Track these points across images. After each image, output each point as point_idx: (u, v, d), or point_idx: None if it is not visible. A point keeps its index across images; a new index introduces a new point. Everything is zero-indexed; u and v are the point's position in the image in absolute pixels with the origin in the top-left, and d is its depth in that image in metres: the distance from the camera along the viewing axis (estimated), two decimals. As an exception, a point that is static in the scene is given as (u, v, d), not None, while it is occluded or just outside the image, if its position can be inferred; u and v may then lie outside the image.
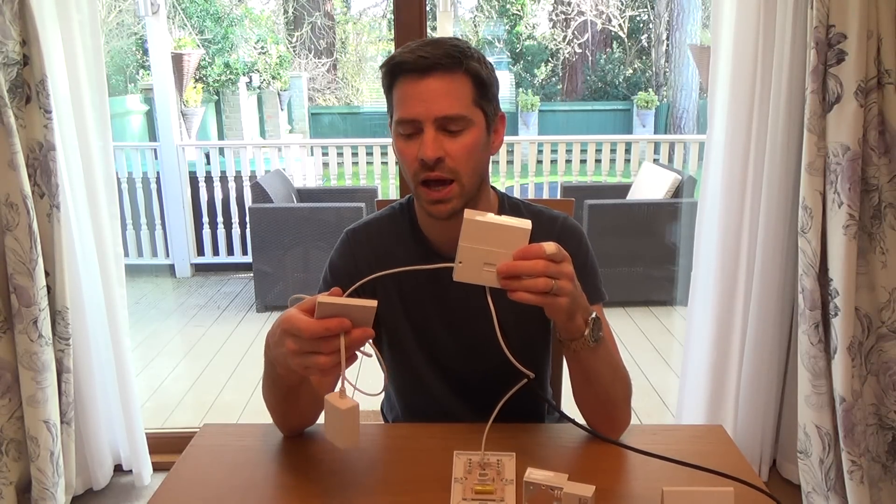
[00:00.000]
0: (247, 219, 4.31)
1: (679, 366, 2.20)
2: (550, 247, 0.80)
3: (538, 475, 0.78)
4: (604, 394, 0.98)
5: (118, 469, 2.14)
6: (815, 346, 1.73)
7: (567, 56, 13.05)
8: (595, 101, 12.79)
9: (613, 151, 6.54)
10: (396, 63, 0.97)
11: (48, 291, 1.77)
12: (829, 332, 1.72)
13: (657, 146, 6.51)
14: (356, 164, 5.00)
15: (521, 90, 12.30)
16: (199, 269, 4.92)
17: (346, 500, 0.87)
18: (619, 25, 12.69)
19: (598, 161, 5.05)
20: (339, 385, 0.78)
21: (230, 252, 4.81)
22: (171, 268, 4.83)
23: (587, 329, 0.89)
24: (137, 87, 9.14)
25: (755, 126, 1.83)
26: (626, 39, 12.80)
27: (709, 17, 4.87)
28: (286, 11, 12.91)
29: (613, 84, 12.91)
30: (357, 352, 0.80)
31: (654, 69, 12.80)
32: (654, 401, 2.84)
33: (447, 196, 0.98)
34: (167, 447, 2.16)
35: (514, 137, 9.05)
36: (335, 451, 0.97)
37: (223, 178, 4.74)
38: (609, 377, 0.97)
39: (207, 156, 4.91)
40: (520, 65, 13.18)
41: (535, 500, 0.77)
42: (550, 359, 1.22)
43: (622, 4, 12.69)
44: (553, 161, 5.55)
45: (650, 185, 4.29)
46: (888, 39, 1.61)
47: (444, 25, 3.42)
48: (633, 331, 3.66)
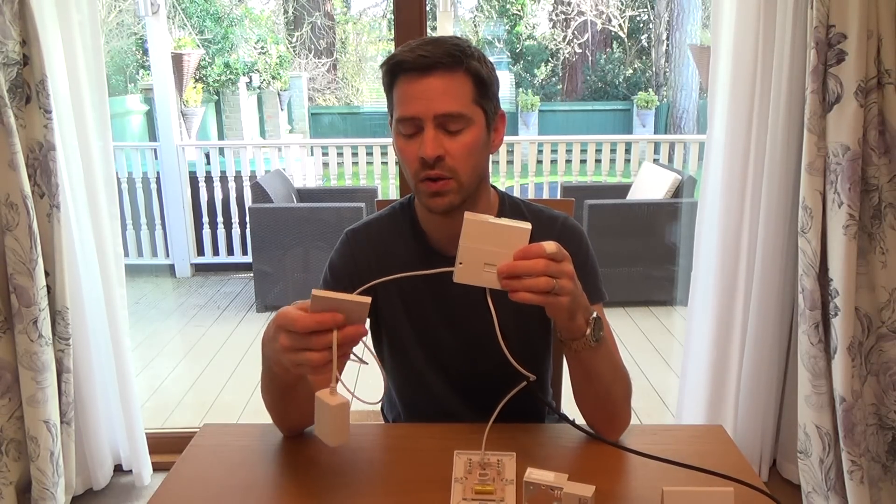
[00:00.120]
0: (247, 219, 4.32)
1: (679, 366, 2.20)
2: (551, 246, 0.79)
3: (538, 475, 0.78)
4: (604, 393, 0.98)
5: (118, 469, 2.14)
6: (815, 346, 1.73)
7: (567, 56, 13.05)
8: (595, 101, 12.79)
9: (613, 151, 6.54)
10: (397, 62, 0.97)
11: (48, 291, 1.77)
12: (829, 332, 1.72)
13: (657, 146, 6.51)
14: (356, 164, 5.00)
15: (521, 90, 12.30)
16: (199, 269, 4.92)
17: (346, 500, 0.87)
18: (619, 25, 12.69)
19: (598, 161, 5.05)
20: (334, 382, 0.77)
21: (230, 252, 4.81)
22: (171, 268, 4.84)
23: (588, 329, 0.89)
24: (137, 87, 9.15)
25: (755, 126, 1.83)
26: (626, 39, 12.80)
27: (709, 17, 4.86)
28: (286, 11, 12.91)
29: (613, 84, 12.91)
30: (353, 360, 0.80)
31: (654, 69, 12.80)
32: (654, 401, 2.84)
33: (444, 189, 0.98)
34: (167, 447, 2.16)
35: (514, 137, 9.05)
36: (335, 452, 0.97)
37: (223, 178, 4.74)
38: (610, 377, 0.97)
39: (207, 156, 4.91)
40: (520, 65, 13.18)
41: (535, 500, 0.77)
42: (552, 359, 1.22)
43: (622, 4, 12.69)
44: (553, 161, 5.55)
45: (650, 185, 4.29)
46: (888, 39, 1.61)
47: (444, 25, 3.41)
48: (633, 331, 3.66)
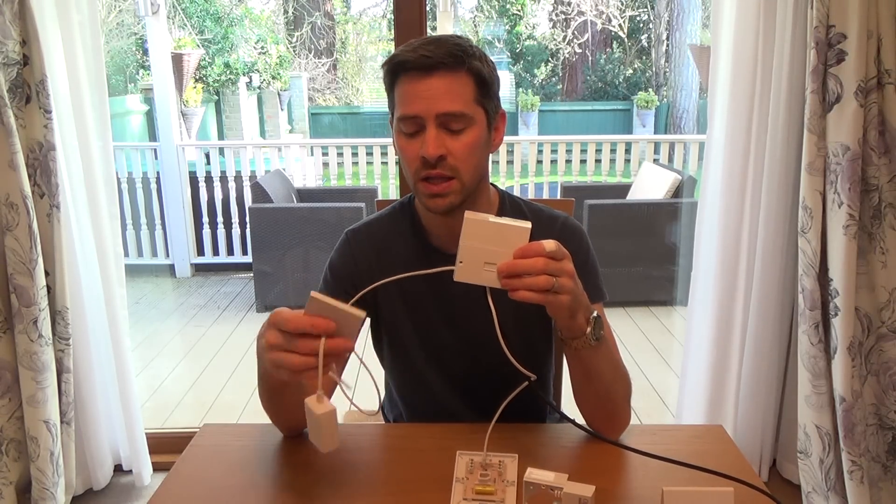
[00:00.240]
0: (247, 219, 4.31)
1: (679, 366, 2.20)
2: (550, 244, 0.79)
3: (538, 475, 0.78)
4: (604, 393, 0.98)
5: (118, 469, 2.14)
6: (815, 346, 1.73)
7: (567, 56, 13.06)
8: (595, 101, 12.79)
9: (613, 151, 6.54)
10: (399, 62, 0.96)
11: (48, 291, 1.77)
12: (829, 332, 1.72)
13: (657, 146, 6.51)
14: (356, 164, 5.00)
15: (521, 90, 12.30)
16: (199, 269, 4.92)
17: (347, 500, 0.87)
18: (619, 25, 12.70)
19: (598, 161, 5.05)
20: (319, 389, 0.77)
21: (230, 252, 4.81)
22: (171, 268, 4.83)
23: (589, 327, 0.89)
24: (137, 87, 9.15)
25: (755, 126, 1.83)
26: (626, 39, 12.81)
27: (709, 17, 4.86)
28: (286, 11, 12.92)
29: (613, 84, 12.92)
30: (337, 380, 0.79)
31: (654, 69, 12.80)
32: (654, 401, 2.84)
33: (446, 190, 0.98)
34: (167, 447, 2.16)
35: (514, 137, 9.04)
36: (335, 452, 0.97)
37: (223, 178, 4.74)
38: (610, 376, 0.97)
39: (207, 156, 4.91)
40: (520, 65, 13.19)
41: (535, 500, 0.77)
42: (553, 359, 1.22)
43: (622, 4, 12.69)
44: (553, 161, 5.55)
45: (650, 185, 4.29)
46: (888, 39, 1.61)
47: (444, 25, 3.41)
48: (633, 331, 3.66)
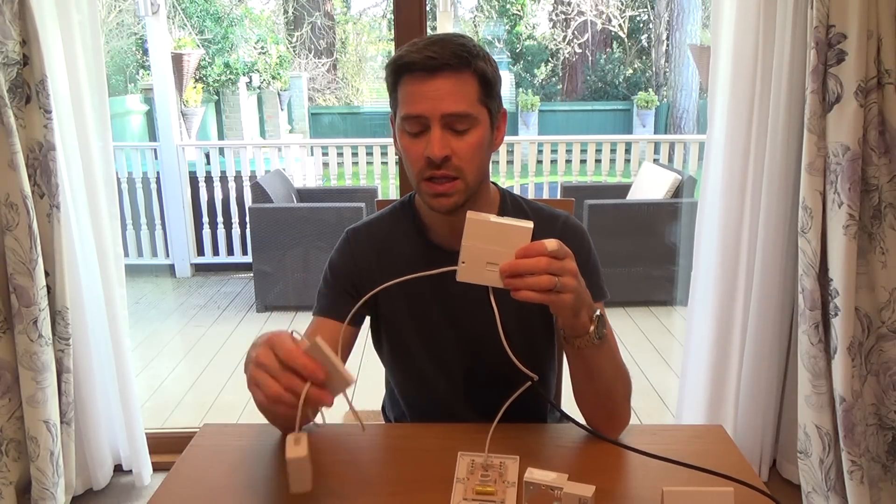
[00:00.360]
0: (247, 219, 4.31)
1: (679, 366, 2.20)
2: (552, 244, 0.79)
3: (538, 475, 0.78)
4: (605, 391, 0.98)
5: (118, 469, 2.14)
6: (815, 346, 1.73)
7: (567, 56, 13.06)
8: (595, 101, 12.79)
9: (613, 151, 6.54)
10: (405, 63, 0.96)
11: (48, 291, 1.77)
12: (829, 332, 1.72)
13: (657, 146, 6.51)
14: (356, 164, 5.00)
15: (521, 90, 12.30)
16: (199, 269, 4.92)
17: (347, 500, 0.87)
18: (619, 25, 12.70)
19: (598, 161, 5.05)
20: (297, 431, 0.74)
21: (230, 252, 4.81)
22: (171, 268, 4.83)
23: (592, 326, 0.89)
24: (137, 87, 9.15)
25: (755, 126, 1.83)
26: (626, 39, 12.81)
27: (709, 17, 4.86)
28: (286, 11, 12.92)
29: (613, 84, 12.92)
30: (311, 418, 0.78)
31: (654, 69, 12.80)
32: (654, 401, 2.84)
33: (450, 190, 0.98)
34: (167, 447, 2.16)
35: (514, 137, 9.05)
36: (335, 452, 0.97)
37: (223, 178, 4.74)
38: (611, 374, 0.97)
39: (207, 156, 4.91)
40: (520, 65, 13.19)
41: (536, 500, 0.77)
42: (556, 358, 1.22)
43: (622, 4, 12.69)
44: (553, 161, 5.55)
45: (650, 185, 4.29)
46: (888, 39, 1.61)
47: (444, 25, 3.41)
48: (633, 331, 3.66)
